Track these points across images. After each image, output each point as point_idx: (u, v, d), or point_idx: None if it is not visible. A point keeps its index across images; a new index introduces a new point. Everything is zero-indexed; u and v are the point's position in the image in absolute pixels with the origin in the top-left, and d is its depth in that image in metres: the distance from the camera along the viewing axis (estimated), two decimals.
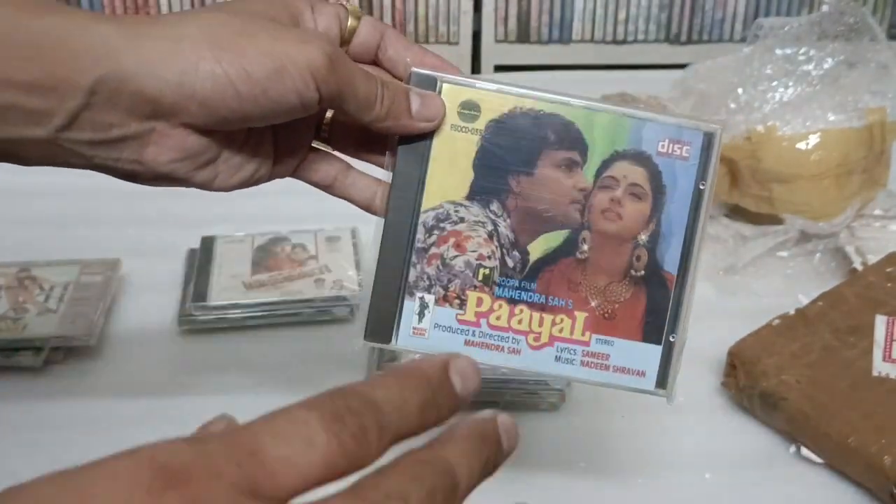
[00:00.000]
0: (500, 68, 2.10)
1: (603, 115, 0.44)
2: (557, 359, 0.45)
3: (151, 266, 0.78)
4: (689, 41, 2.13)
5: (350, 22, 0.44)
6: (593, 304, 0.45)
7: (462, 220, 0.44)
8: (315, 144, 0.47)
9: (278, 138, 0.46)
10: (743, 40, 0.89)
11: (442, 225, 0.45)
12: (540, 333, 0.45)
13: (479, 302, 0.45)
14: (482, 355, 0.44)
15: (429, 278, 0.45)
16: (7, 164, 0.93)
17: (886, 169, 0.88)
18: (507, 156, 0.44)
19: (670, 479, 0.58)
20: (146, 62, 0.37)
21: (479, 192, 0.44)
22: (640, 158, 0.44)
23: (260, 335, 0.71)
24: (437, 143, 0.44)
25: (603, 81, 1.22)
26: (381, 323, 0.46)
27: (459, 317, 0.45)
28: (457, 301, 0.45)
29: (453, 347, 0.44)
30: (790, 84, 0.83)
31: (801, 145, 0.80)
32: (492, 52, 2.10)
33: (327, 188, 0.48)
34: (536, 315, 0.45)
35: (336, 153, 0.48)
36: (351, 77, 0.40)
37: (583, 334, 0.45)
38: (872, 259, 0.76)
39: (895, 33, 2.16)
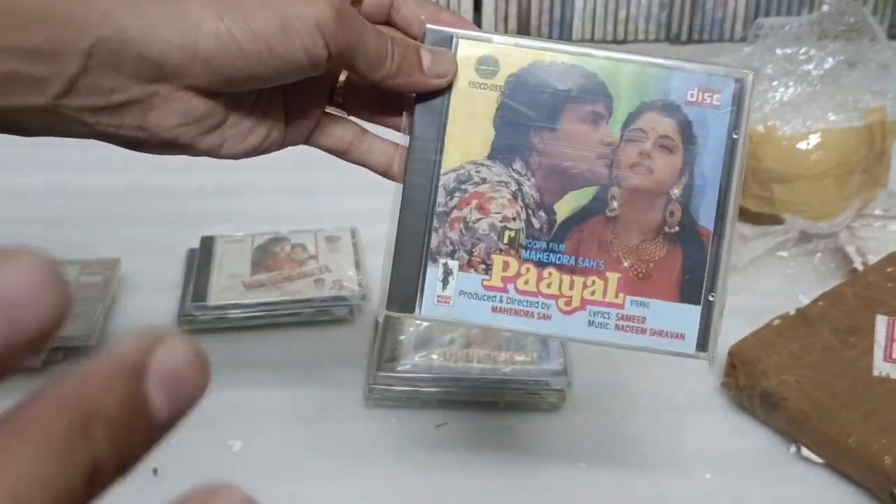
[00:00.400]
0: None
1: (628, 65, 0.42)
2: (591, 323, 0.43)
3: (151, 266, 0.78)
4: (690, 41, 2.13)
5: None
6: (626, 264, 0.42)
7: (484, 180, 0.42)
8: (329, 109, 0.45)
9: (289, 102, 0.44)
10: (743, 40, 0.89)
11: (463, 187, 0.42)
12: (571, 297, 0.42)
13: (506, 266, 0.42)
14: (511, 322, 0.42)
15: (452, 243, 0.42)
16: (6, 164, 0.94)
17: (887, 169, 0.88)
18: (528, 111, 0.42)
19: (670, 479, 0.58)
20: (147, 23, 0.36)
21: (501, 150, 0.42)
22: (669, 109, 0.42)
23: (260, 335, 0.71)
24: (455, 101, 0.42)
25: None
26: (404, 292, 0.42)
27: (485, 282, 0.42)
28: (482, 266, 0.42)
29: (480, 315, 0.42)
30: (790, 84, 0.83)
31: (802, 145, 0.80)
32: None
33: (342, 154, 0.46)
34: (566, 278, 0.42)
35: (351, 118, 0.46)
36: (361, 33, 0.38)
37: (616, 296, 0.43)
38: (873, 259, 0.76)
39: (895, 33, 2.16)
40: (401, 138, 0.44)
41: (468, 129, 0.42)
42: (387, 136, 0.46)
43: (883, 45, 0.84)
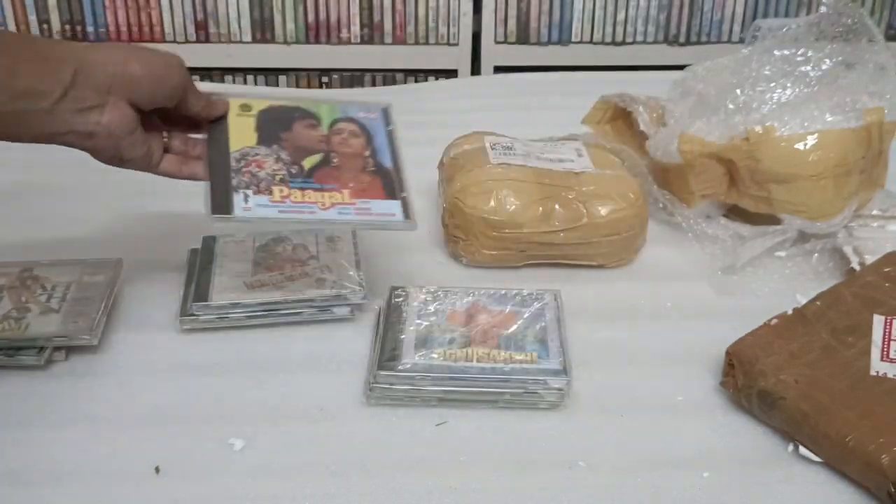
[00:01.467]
0: (499, 69, 2.10)
1: (322, 104, 0.76)
2: (340, 213, 0.68)
3: (153, 266, 0.79)
4: (688, 42, 2.13)
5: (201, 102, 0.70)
6: (351, 185, 0.70)
7: (258, 154, 0.71)
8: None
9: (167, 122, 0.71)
10: (741, 41, 0.90)
11: (246, 158, 0.70)
12: (324, 202, 0.68)
13: (281, 191, 0.68)
14: (292, 216, 0.66)
15: (245, 184, 0.68)
16: (9, 166, 0.94)
17: (884, 169, 0.88)
18: (274, 125, 0.73)
19: (669, 477, 0.58)
20: (100, 62, 0.62)
21: (264, 141, 0.72)
22: (350, 119, 0.76)
23: (260, 335, 0.71)
24: (230, 122, 0.72)
25: (602, 82, 1.22)
26: (221, 205, 0.66)
27: (271, 199, 0.67)
28: (266, 192, 0.67)
29: (271, 215, 0.66)
30: (788, 85, 0.84)
31: (800, 146, 0.81)
32: (491, 54, 2.11)
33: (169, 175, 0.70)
34: (319, 194, 0.68)
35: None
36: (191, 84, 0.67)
37: (351, 200, 0.69)
38: (870, 259, 0.77)
39: (893, 34, 2.16)
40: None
41: (241, 134, 0.72)
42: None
43: (880, 47, 0.84)
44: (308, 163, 0.70)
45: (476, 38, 2.11)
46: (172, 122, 0.70)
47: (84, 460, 0.59)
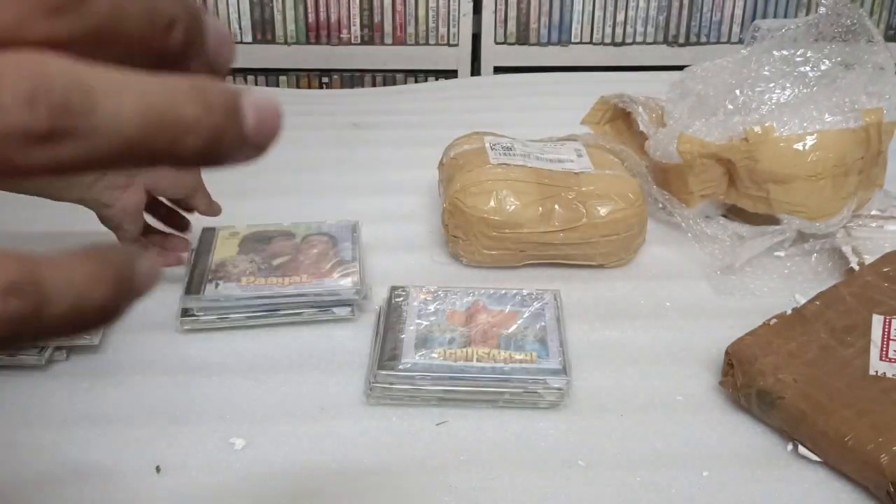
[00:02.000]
0: (499, 70, 2.10)
1: (300, 224, 0.83)
2: (296, 289, 0.74)
3: None
4: (687, 43, 2.14)
5: None
6: (312, 271, 0.76)
7: (235, 260, 0.77)
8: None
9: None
10: (740, 42, 0.90)
11: (224, 264, 0.76)
12: (283, 283, 0.74)
13: (248, 280, 0.74)
14: (252, 293, 0.73)
15: (219, 276, 0.75)
16: None
17: (883, 169, 0.88)
18: (254, 242, 0.80)
19: (668, 477, 0.58)
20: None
21: (242, 252, 0.78)
22: (321, 233, 0.82)
23: (260, 335, 0.72)
24: (218, 241, 0.80)
25: (601, 83, 1.22)
26: (195, 288, 0.73)
27: (238, 285, 0.73)
28: (236, 281, 0.74)
29: (236, 292, 0.73)
30: (787, 85, 0.84)
31: (799, 146, 0.81)
32: (491, 54, 2.11)
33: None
34: (281, 279, 0.75)
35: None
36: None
37: (307, 280, 0.75)
38: (869, 259, 0.77)
39: (892, 35, 2.16)
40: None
41: (225, 249, 0.78)
42: None
43: (879, 47, 0.84)
44: (277, 261, 0.77)
45: (476, 38, 2.11)
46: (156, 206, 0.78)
47: (84, 460, 0.59)
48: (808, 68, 0.84)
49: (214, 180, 0.96)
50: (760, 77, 0.85)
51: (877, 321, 0.66)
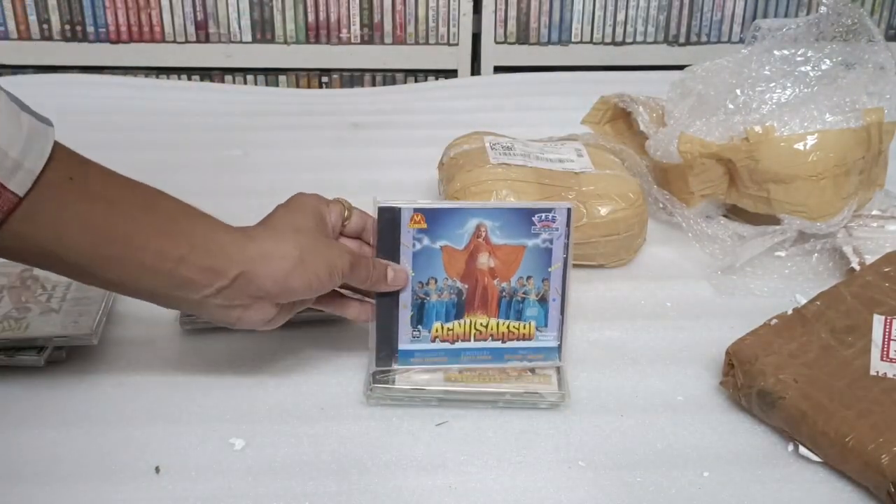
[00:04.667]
0: (499, 69, 2.10)
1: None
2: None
3: None
4: (688, 42, 2.14)
5: (346, 213, 0.67)
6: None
7: None
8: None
9: None
10: (741, 41, 0.90)
11: None
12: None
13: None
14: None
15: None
16: None
17: (884, 169, 0.88)
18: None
19: (669, 477, 0.58)
20: (266, 270, 0.59)
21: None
22: None
23: (260, 335, 0.71)
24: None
25: (602, 82, 1.22)
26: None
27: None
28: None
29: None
30: (788, 85, 0.84)
31: (799, 146, 0.81)
32: (491, 54, 2.11)
33: (329, 310, 0.67)
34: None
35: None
36: (358, 269, 0.63)
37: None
38: (870, 259, 0.77)
39: (893, 34, 2.16)
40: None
41: None
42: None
43: (880, 47, 0.84)
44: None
45: (476, 38, 2.11)
46: None
47: (84, 460, 0.59)
48: (808, 68, 0.84)
49: (214, 180, 0.96)
50: (761, 77, 0.85)
51: (877, 321, 0.66)
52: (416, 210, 0.64)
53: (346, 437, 0.61)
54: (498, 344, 0.66)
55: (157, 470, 0.58)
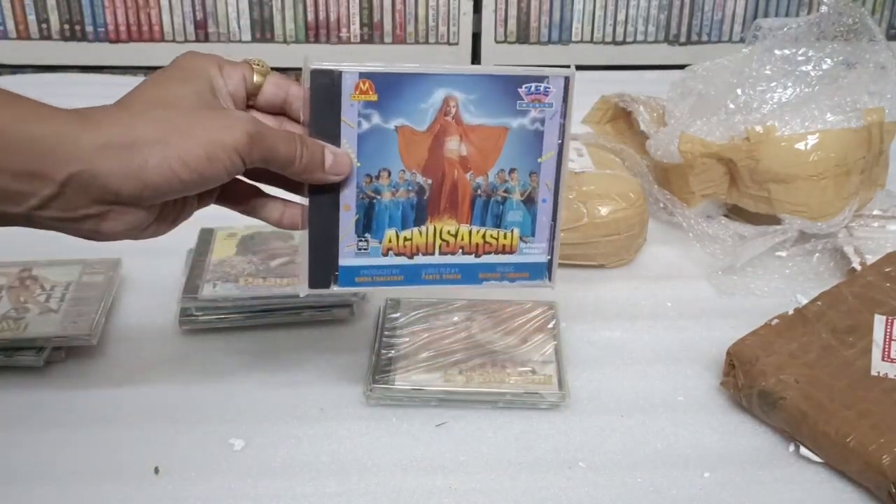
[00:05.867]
0: None
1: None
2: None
3: (152, 266, 0.78)
4: (689, 42, 2.13)
5: (256, 78, 0.51)
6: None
7: None
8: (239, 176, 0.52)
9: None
10: (742, 41, 0.89)
11: None
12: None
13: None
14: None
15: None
16: None
17: (885, 169, 0.88)
18: (254, 243, 0.70)
19: (669, 477, 0.58)
20: (109, 165, 0.45)
21: (243, 253, 0.70)
22: None
23: (260, 335, 0.71)
24: (215, 243, 0.65)
25: (602, 82, 1.22)
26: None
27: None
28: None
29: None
30: (789, 84, 0.84)
31: (800, 146, 0.81)
32: (491, 53, 2.11)
33: (242, 212, 0.55)
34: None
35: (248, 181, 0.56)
36: (272, 144, 0.48)
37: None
38: (871, 259, 0.76)
39: (894, 34, 2.16)
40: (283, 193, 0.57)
41: (223, 250, 0.69)
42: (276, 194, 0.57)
43: (881, 46, 0.84)
44: (275, 262, 0.63)
45: (476, 37, 2.11)
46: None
47: (84, 460, 0.59)
48: (809, 67, 0.84)
49: None
50: (762, 76, 0.84)
51: (878, 321, 0.66)
52: (363, 75, 0.49)
53: (346, 438, 0.61)
54: (470, 259, 0.53)
55: (157, 470, 0.58)
